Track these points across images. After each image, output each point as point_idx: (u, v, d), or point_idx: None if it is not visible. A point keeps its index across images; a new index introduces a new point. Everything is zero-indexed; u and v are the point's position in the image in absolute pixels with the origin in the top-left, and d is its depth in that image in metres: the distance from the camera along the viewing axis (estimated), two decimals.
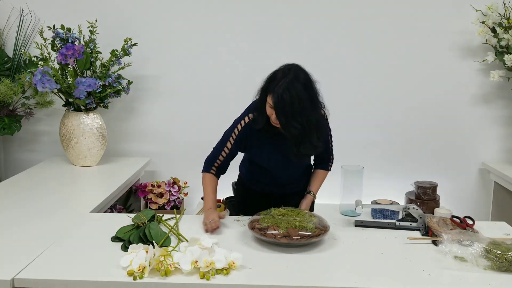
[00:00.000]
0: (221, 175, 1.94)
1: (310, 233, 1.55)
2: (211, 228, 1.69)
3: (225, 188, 2.65)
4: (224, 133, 1.90)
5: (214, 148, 1.93)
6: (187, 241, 1.53)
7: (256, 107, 1.77)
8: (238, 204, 2.18)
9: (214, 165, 1.90)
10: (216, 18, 2.83)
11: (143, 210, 1.79)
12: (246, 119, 1.83)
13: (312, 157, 2.01)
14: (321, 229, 1.58)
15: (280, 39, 2.82)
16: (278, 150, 1.83)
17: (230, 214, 2.23)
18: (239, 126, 1.84)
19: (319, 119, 1.73)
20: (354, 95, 2.88)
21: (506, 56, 2.58)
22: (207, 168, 1.91)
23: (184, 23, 2.84)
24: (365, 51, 2.84)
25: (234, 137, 1.85)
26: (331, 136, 1.99)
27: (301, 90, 1.62)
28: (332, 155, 2.02)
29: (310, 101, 1.66)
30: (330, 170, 2.05)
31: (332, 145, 2.00)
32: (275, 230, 1.55)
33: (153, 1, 2.82)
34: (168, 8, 2.83)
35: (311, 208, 2.06)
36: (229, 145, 1.86)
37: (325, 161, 2.01)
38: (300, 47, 2.81)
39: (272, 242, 1.56)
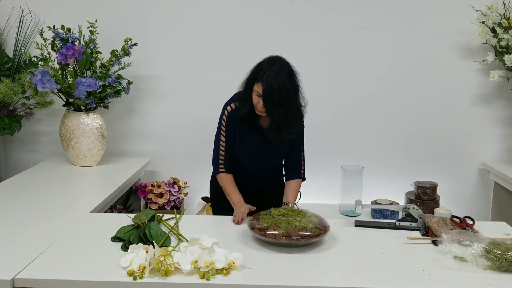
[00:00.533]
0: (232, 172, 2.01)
1: (310, 233, 1.55)
2: (239, 219, 1.79)
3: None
4: (216, 131, 2.00)
5: (213, 151, 2.01)
6: (187, 241, 1.53)
7: (241, 97, 1.89)
8: (214, 201, 2.22)
9: (220, 163, 1.98)
10: (217, 18, 2.83)
11: (143, 210, 1.79)
12: (229, 108, 1.94)
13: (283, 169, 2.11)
14: (321, 229, 1.58)
15: (281, 39, 2.82)
16: (258, 142, 1.94)
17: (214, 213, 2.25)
18: (225, 112, 1.95)
19: (299, 108, 1.87)
20: (354, 95, 2.88)
21: (506, 56, 2.58)
22: (216, 170, 2.01)
23: (184, 23, 2.84)
24: (365, 51, 2.84)
25: (224, 123, 1.95)
26: (303, 146, 2.05)
27: (287, 78, 1.76)
28: (304, 162, 2.06)
29: (294, 90, 1.79)
30: (303, 178, 2.07)
31: (303, 153, 2.06)
32: (275, 230, 1.55)
33: (153, 1, 2.82)
34: (168, 8, 2.83)
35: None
36: (222, 136, 1.96)
37: (297, 169, 2.04)
38: (301, 47, 2.81)
39: (272, 242, 1.57)
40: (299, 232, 1.54)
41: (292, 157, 2.03)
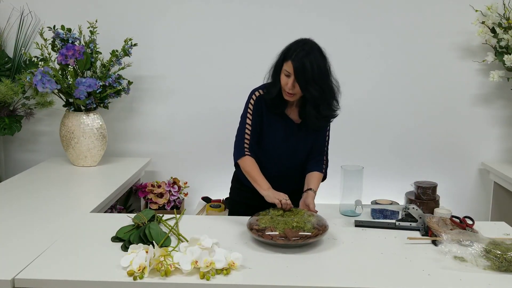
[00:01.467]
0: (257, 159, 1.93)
1: (307, 234, 1.55)
2: (287, 206, 1.71)
3: (226, 188, 2.64)
4: (241, 116, 1.94)
5: (236, 134, 1.94)
6: (187, 241, 1.53)
7: (269, 81, 1.86)
8: (232, 203, 2.18)
9: (245, 146, 1.90)
10: (217, 18, 2.83)
11: (143, 210, 1.79)
12: (257, 93, 1.90)
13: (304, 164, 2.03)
14: (319, 229, 1.58)
15: (282, 39, 2.79)
16: (283, 132, 1.89)
17: (229, 214, 2.23)
18: (253, 97, 1.90)
19: (336, 86, 1.84)
20: (354, 95, 2.88)
21: (505, 56, 2.58)
22: (240, 153, 1.89)
23: (184, 23, 2.84)
24: (364, 51, 2.84)
25: (252, 107, 1.89)
26: (328, 141, 2.03)
27: (319, 58, 1.75)
28: (327, 157, 2.03)
29: (326, 68, 1.77)
30: (324, 176, 2.04)
31: (327, 149, 2.03)
32: (272, 231, 1.55)
33: (153, 2, 2.83)
34: (168, 9, 2.83)
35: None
36: (249, 120, 1.89)
37: (319, 163, 2.01)
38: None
39: (270, 243, 1.57)
40: (298, 233, 1.54)
41: (315, 150, 1.98)
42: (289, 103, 1.89)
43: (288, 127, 1.91)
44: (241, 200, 2.07)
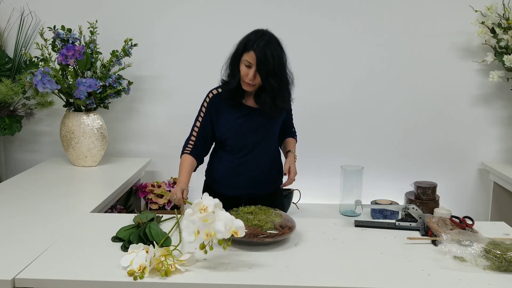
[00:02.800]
0: (201, 161, 1.99)
1: (266, 233, 1.54)
2: (176, 198, 1.77)
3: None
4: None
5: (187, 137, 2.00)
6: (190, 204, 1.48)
7: (226, 73, 1.89)
8: None
9: (188, 145, 1.96)
10: (217, 18, 2.83)
11: (143, 211, 1.79)
12: (210, 94, 1.95)
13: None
14: (281, 230, 1.57)
15: (282, 39, 2.81)
16: (247, 122, 1.90)
17: None
18: (207, 98, 1.95)
19: (290, 78, 1.87)
20: (353, 95, 2.89)
21: (505, 56, 2.58)
22: (182, 152, 1.97)
23: (185, 24, 2.85)
24: (364, 51, 2.84)
25: (204, 109, 1.94)
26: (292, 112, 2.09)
27: (278, 49, 1.79)
28: (294, 127, 2.12)
29: (284, 59, 1.82)
30: (296, 140, 2.12)
31: (292, 119, 2.11)
32: None
33: (153, 2, 2.83)
34: (168, 9, 2.84)
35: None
36: (200, 118, 1.95)
37: (291, 132, 2.11)
38: (301, 47, 2.81)
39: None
40: (255, 231, 1.54)
41: (284, 129, 2.06)
42: (246, 93, 1.90)
43: (249, 114, 1.91)
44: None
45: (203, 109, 1.95)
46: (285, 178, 1.98)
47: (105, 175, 2.54)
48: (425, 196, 2.59)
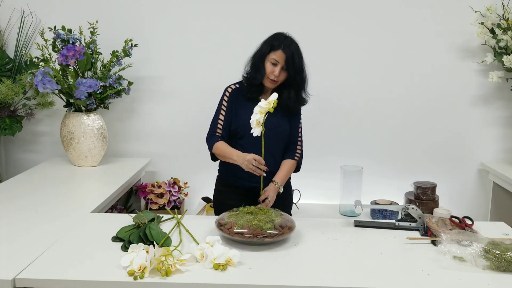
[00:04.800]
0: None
1: (266, 233, 1.55)
2: (260, 168, 1.79)
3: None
4: (214, 113, 2.06)
5: (209, 130, 2.05)
6: (196, 242, 1.54)
7: (251, 71, 1.99)
8: (220, 206, 2.13)
9: (217, 134, 2.01)
10: (217, 19, 2.84)
11: (143, 211, 1.80)
12: (229, 89, 2.05)
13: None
14: (281, 230, 1.58)
15: None
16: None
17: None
18: (227, 93, 2.05)
19: (307, 77, 2.04)
20: (353, 95, 2.89)
21: (505, 57, 2.58)
22: (212, 140, 2.00)
23: (185, 24, 2.85)
24: (364, 52, 2.85)
25: (226, 98, 2.04)
26: (301, 130, 2.14)
27: (300, 51, 1.97)
28: (301, 148, 2.12)
29: (303, 60, 2.00)
30: (298, 167, 2.12)
31: (301, 137, 2.13)
32: (232, 227, 1.58)
33: (153, 2, 2.83)
34: (168, 9, 2.84)
35: (277, 201, 2.03)
36: (223, 111, 2.02)
37: (292, 150, 2.09)
38: (302, 48, 2.81)
39: (229, 238, 1.58)
40: (254, 231, 1.55)
41: (290, 138, 2.08)
42: (264, 90, 2.02)
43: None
44: (230, 203, 2.01)
45: (224, 102, 2.04)
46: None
47: (106, 175, 2.54)
48: (424, 196, 2.59)
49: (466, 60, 2.84)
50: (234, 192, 2.07)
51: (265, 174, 1.81)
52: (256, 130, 1.70)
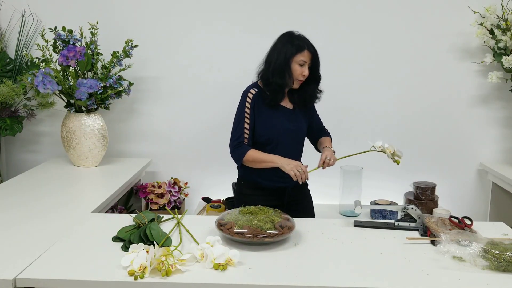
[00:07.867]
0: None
1: (265, 232, 1.55)
2: (302, 175, 1.84)
3: (226, 189, 2.67)
4: (236, 115, 2.00)
5: (232, 135, 2.00)
6: (196, 242, 1.54)
7: (278, 77, 1.94)
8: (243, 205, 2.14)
9: (244, 141, 1.97)
10: (217, 20, 2.84)
11: (143, 211, 1.80)
12: (250, 94, 2.00)
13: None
14: (281, 230, 1.58)
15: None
16: (285, 117, 2.02)
17: None
18: (250, 94, 2.00)
19: None
20: (353, 96, 2.90)
21: (504, 57, 2.59)
22: (242, 149, 1.95)
23: (185, 25, 2.85)
24: (364, 52, 2.85)
25: (248, 104, 1.98)
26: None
27: None
28: (326, 128, 2.27)
29: None
30: (331, 138, 2.22)
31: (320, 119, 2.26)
32: (232, 227, 1.58)
33: (153, 3, 2.84)
34: (168, 10, 2.84)
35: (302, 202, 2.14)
36: (247, 115, 1.98)
37: (323, 130, 2.23)
38: None
39: (230, 238, 1.58)
40: (254, 230, 1.55)
41: (317, 129, 2.19)
42: (285, 95, 2.04)
43: (287, 114, 2.04)
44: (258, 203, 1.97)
45: (247, 109, 1.99)
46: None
47: (106, 176, 2.55)
48: (424, 197, 2.60)
49: (465, 60, 2.84)
50: (260, 193, 2.06)
51: (301, 183, 1.86)
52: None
